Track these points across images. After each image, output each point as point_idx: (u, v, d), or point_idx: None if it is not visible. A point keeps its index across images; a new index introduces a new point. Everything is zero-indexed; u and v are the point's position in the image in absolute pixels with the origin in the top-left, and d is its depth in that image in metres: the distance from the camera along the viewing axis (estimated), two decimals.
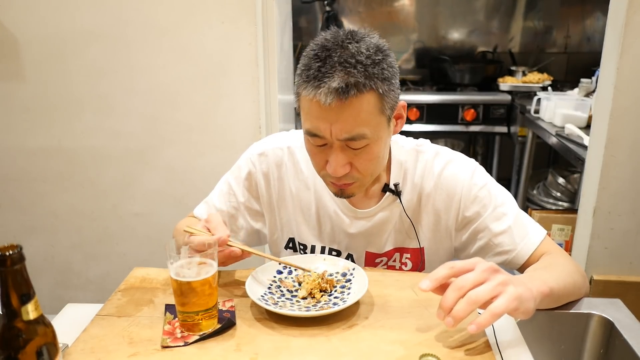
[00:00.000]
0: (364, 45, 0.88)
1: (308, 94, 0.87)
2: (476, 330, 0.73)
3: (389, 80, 0.90)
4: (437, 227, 1.08)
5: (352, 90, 0.85)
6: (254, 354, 0.77)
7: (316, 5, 3.49)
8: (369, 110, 0.88)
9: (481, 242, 1.05)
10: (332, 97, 0.85)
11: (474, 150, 3.61)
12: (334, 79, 0.85)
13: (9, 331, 0.60)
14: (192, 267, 0.81)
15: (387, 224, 1.09)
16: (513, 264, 1.04)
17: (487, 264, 0.77)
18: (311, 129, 0.91)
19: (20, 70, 1.85)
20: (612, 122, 1.65)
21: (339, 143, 0.90)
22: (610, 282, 1.79)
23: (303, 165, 1.11)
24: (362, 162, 0.93)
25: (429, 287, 0.76)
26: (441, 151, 1.09)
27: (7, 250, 0.58)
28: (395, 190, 1.06)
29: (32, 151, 1.94)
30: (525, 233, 1.03)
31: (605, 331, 0.98)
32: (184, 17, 1.77)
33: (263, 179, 1.12)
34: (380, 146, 0.94)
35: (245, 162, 1.14)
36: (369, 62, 0.86)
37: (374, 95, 0.88)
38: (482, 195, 1.04)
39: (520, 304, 0.75)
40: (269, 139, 1.17)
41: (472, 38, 3.64)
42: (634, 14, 1.55)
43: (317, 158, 0.96)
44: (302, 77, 0.89)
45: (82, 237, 2.04)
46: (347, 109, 0.86)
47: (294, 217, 1.13)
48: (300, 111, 0.93)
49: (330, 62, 0.86)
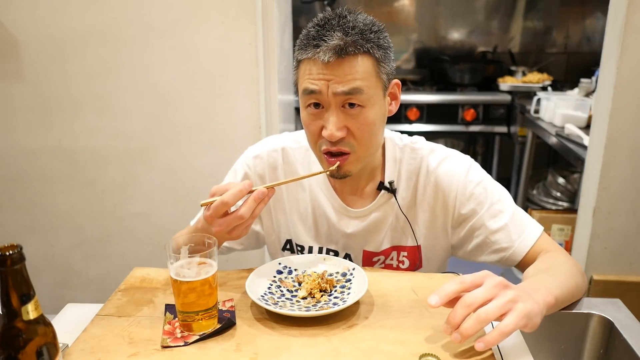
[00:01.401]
0: (361, 17, 0.94)
1: (307, 55, 0.92)
2: (483, 348, 0.72)
3: (385, 49, 0.94)
4: (433, 224, 1.08)
5: (350, 48, 0.89)
6: (254, 354, 0.77)
7: (316, 5, 3.49)
8: (365, 70, 0.91)
9: (478, 239, 1.05)
10: (331, 54, 0.89)
11: (474, 150, 3.61)
12: (333, 39, 0.89)
13: (9, 331, 0.60)
14: (192, 267, 0.81)
15: (383, 223, 1.09)
16: (510, 261, 1.04)
17: (497, 279, 0.76)
18: (309, 86, 0.92)
19: (20, 70, 1.85)
20: (612, 122, 1.65)
21: (335, 102, 0.92)
22: (610, 282, 1.79)
23: (298, 166, 1.12)
24: (358, 128, 0.94)
25: (439, 303, 0.75)
26: (436, 148, 1.09)
27: (7, 250, 0.58)
28: (390, 188, 1.06)
29: (32, 151, 1.94)
30: (522, 230, 1.03)
31: (605, 331, 0.98)
32: (184, 17, 1.77)
33: (259, 181, 1.12)
34: (375, 112, 0.95)
35: (240, 165, 1.15)
36: (366, 29, 0.92)
37: (371, 59, 0.92)
38: (478, 193, 1.04)
39: (529, 320, 0.74)
40: (264, 142, 1.17)
41: (472, 38, 3.64)
42: (634, 14, 1.55)
43: (313, 126, 0.96)
44: (301, 43, 0.94)
45: (82, 237, 2.04)
46: (344, 65, 0.90)
47: (291, 219, 1.13)
48: (298, 78, 0.96)
49: (329, 26, 0.91)
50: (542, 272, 0.93)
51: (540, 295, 0.80)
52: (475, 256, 1.08)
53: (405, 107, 3.13)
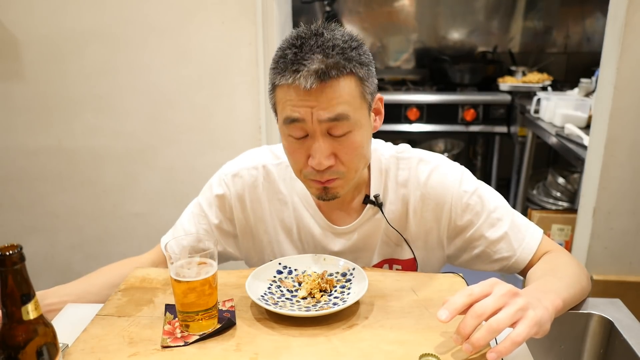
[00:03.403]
0: (339, 32, 0.87)
1: (286, 81, 0.84)
2: (496, 359, 0.70)
3: (367, 66, 0.89)
4: (427, 237, 1.05)
5: (332, 71, 0.83)
6: (254, 354, 0.77)
7: (316, 5, 3.49)
8: (350, 92, 0.86)
9: (477, 250, 1.02)
10: (313, 80, 0.82)
11: (474, 150, 3.61)
12: (313, 62, 0.83)
13: (9, 331, 0.60)
14: (192, 267, 0.81)
15: (372, 238, 1.04)
16: (512, 269, 1.02)
17: (506, 287, 0.74)
18: (290, 114, 0.86)
19: (21, 70, 1.85)
20: (612, 122, 1.65)
21: (321, 130, 0.86)
22: (610, 282, 1.79)
23: (280, 184, 1.06)
24: (346, 153, 0.89)
25: (449, 318, 0.73)
26: (424, 156, 1.04)
27: (7, 250, 0.58)
28: (376, 202, 1.01)
29: (32, 151, 1.94)
30: (523, 237, 1.00)
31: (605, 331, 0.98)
32: (184, 17, 1.77)
33: (238, 201, 1.07)
34: (362, 135, 0.90)
35: (217, 182, 1.08)
36: (346, 46, 0.85)
37: (354, 78, 0.86)
38: (474, 203, 1.00)
39: (539, 328, 0.73)
40: (242, 158, 1.10)
41: (472, 38, 3.64)
42: (634, 14, 1.55)
43: (297, 155, 0.91)
44: (277, 67, 0.86)
45: (82, 237, 2.04)
46: (328, 90, 0.84)
47: (275, 238, 1.08)
48: (277, 104, 0.90)
49: (307, 48, 0.84)
50: (547, 274, 0.92)
51: (548, 300, 0.79)
52: (474, 265, 1.06)
53: (405, 107, 3.12)
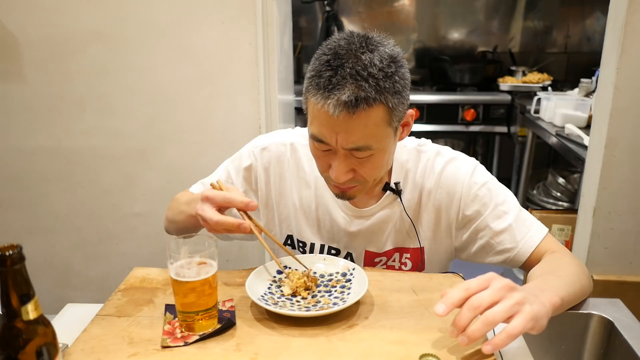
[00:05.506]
0: (377, 55, 0.86)
1: (317, 102, 0.87)
2: (491, 351, 0.71)
3: (400, 93, 0.89)
4: (437, 226, 1.08)
5: (361, 104, 0.84)
6: (254, 354, 0.77)
7: (316, 5, 3.49)
8: (376, 123, 0.88)
9: (482, 241, 1.05)
10: (341, 109, 0.84)
11: (474, 150, 3.61)
12: (344, 92, 0.84)
13: (9, 331, 0.60)
14: (192, 267, 0.81)
15: (388, 223, 1.09)
16: (515, 261, 1.03)
17: (503, 281, 0.75)
18: (317, 134, 0.91)
19: (21, 70, 1.85)
20: (612, 122, 1.64)
21: (344, 151, 0.91)
22: (610, 282, 1.79)
23: (305, 163, 1.12)
24: (365, 170, 0.94)
25: (446, 312, 0.74)
26: (442, 150, 1.10)
27: (7, 250, 0.58)
28: (396, 189, 1.06)
29: (33, 151, 1.94)
30: (527, 231, 1.03)
31: (605, 331, 0.99)
32: (184, 17, 1.77)
33: (264, 173, 1.13)
34: (384, 156, 0.95)
35: (247, 153, 1.14)
36: (381, 76, 0.85)
37: (383, 109, 0.87)
38: (482, 194, 1.04)
39: (536, 322, 0.74)
40: (273, 134, 1.17)
41: (472, 38, 3.64)
42: (634, 14, 1.55)
43: (321, 161, 0.97)
44: (312, 83, 0.88)
45: (82, 237, 2.04)
46: (354, 121, 0.86)
47: (294, 214, 1.13)
48: (308, 113, 0.93)
49: (342, 73, 0.84)
50: (548, 273, 0.93)
51: (546, 296, 0.79)
52: (479, 258, 1.08)
53: None
